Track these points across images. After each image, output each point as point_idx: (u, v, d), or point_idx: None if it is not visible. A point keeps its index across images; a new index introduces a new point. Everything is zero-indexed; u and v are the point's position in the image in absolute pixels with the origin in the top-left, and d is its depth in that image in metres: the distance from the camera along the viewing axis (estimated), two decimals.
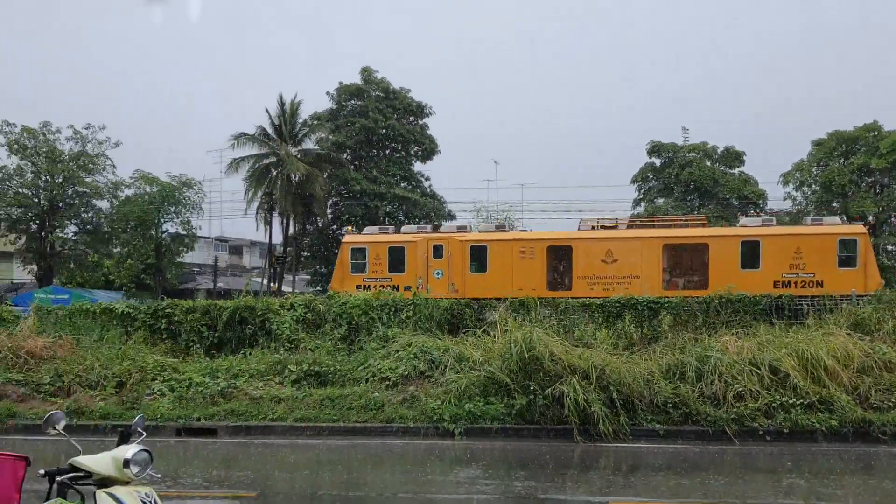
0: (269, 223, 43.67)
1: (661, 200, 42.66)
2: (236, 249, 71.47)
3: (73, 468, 4.45)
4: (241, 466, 10.78)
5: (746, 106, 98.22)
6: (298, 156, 42.72)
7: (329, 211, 44.51)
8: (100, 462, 4.44)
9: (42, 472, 4.48)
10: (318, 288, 43.23)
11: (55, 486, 4.48)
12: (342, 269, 24.90)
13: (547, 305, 16.71)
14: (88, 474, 4.45)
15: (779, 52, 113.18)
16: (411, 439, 12.26)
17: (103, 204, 44.76)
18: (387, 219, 41.36)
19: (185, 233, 42.27)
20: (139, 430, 4.90)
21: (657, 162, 43.52)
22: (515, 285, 19.72)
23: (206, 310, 16.96)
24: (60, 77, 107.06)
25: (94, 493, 4.37)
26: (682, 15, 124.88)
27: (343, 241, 25.90)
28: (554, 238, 24.60)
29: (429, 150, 45.48)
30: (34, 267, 45.21)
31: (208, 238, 58.97)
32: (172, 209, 41.33)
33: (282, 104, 43.42)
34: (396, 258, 24.37)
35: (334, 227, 44.94)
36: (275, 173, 42.29)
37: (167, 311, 17.13)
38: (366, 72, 44.53)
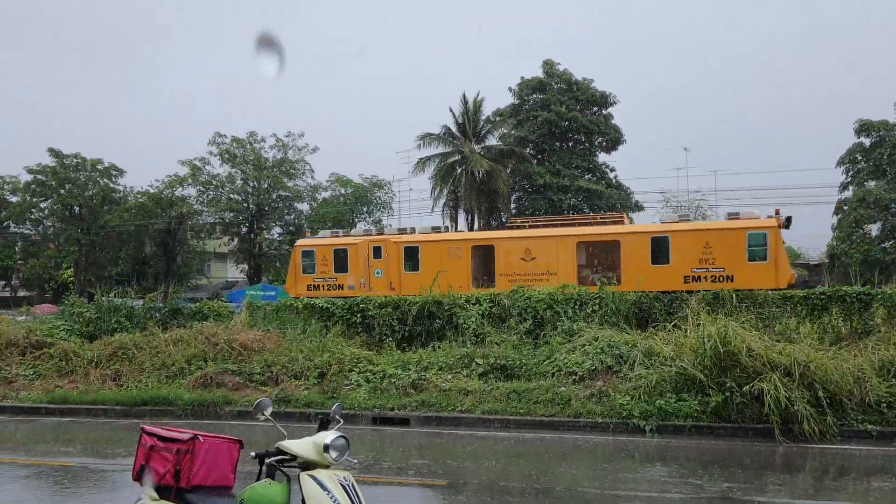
0: (454, 219, 44.71)
1: (871, 183, 39.12)
2: None
3: (280, 451, 4.80)
4: (432, 455, 11.12)
5: (746, 106, 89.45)
6: (482, 152, 43.40)
7: (513, 206, 44.85)
8: (302, 446, 4.75)
9: (253, 454, 4.87)
10: None
11: (265, 467, 4.85)
12: (295, 271, 27.24)
13: (744, 299, 15.86)
14: (293, 457, 4.78)
15: (779, 52, 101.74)
16: (600, 435, 12.09)
17: (303, 206, 47.89)
18: (571, 211, 41.05)
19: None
20: (337, 417, 5.18)
21: (866, 142, 39.93)
22: (445, 283, 20.86)
23: (396, 305, 17.66)
24: (62, 78, 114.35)
25: (299, 475, 4.69)
26: (682, 15, 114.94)
27: (295, 245, 28.42)
28: (478, 238, 26.82)
29: (613, 141, 44.59)
30: (245, 266, 49.24)
31: None
32: (365, 209, 43.39)
33: (465, 102, 44.28)
34: (341, 259, 26.51)
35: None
36: (459, 171, 43.23)
37: (361, 306, 18.00)
38: (547, 65, 44.37)
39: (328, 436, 4.74)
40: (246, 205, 46.49)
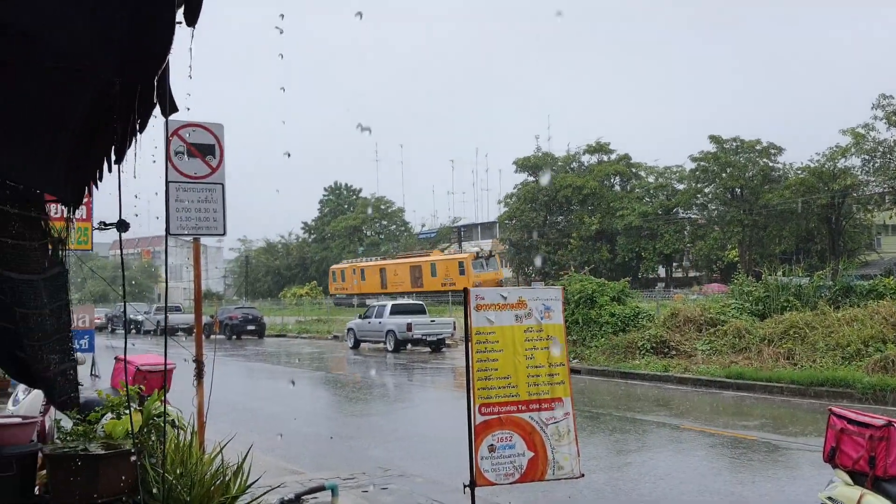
0: None
1: None
2: None
3: None
4: None
5: None
6: None
7: None
8: None
9: None
10: None
11: None
12: (332, 281, 59.01)
13: None
14: None
15: None
16: None
17: None
18: None
19: None
20: None
21: None
22: (374, 287, 50.93)
23: None
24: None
25: None
26: None
27: (330, 268, 62.20)
28: (381, 264, 53.75)
29: None
30: None
31: None
32: None
33: None
34: (343, 275, 57.04)
35: None
36: None
37: None
38: None
39: None
40: None
